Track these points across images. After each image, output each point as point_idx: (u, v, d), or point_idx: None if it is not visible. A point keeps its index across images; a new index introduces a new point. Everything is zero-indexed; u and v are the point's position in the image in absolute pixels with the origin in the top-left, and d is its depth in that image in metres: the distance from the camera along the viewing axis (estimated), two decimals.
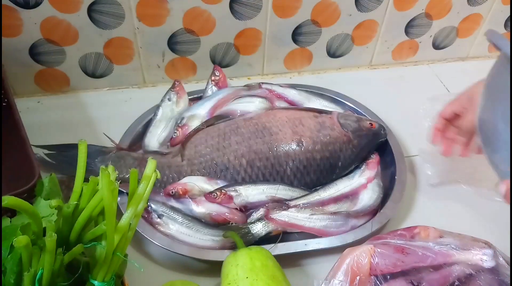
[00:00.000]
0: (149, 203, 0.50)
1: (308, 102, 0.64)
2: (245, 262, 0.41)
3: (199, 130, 0.58)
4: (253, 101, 0.62)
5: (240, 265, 0.41)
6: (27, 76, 0.66)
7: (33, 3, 0.58)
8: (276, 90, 0.64)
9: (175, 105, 0.62)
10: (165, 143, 0.59)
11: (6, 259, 0.31)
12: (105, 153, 0.55)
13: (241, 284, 0.40)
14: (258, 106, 0.61)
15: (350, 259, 0.41)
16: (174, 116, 0.61)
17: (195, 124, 0.59)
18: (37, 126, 0.63)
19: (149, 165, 0.34)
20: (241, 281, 0.40)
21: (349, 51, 0.75)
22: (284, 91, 0.65)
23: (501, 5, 0.75)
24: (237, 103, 0.62)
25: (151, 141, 0.59)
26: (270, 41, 0.70)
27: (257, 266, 0.41)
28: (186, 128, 0.59)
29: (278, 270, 0.42)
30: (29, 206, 0.30)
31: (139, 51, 0.67)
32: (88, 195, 0.33)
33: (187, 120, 0.60)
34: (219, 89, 0.64)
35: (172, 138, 0.59)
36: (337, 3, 0.68)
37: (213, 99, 0.62)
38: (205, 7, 0.63)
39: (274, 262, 0.43)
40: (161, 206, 0.50)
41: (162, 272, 0.48)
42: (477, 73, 0.81)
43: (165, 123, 0.60)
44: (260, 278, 0.40)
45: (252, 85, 0.64)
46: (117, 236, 0.32)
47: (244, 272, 0.40)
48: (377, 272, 0.41)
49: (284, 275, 0.43)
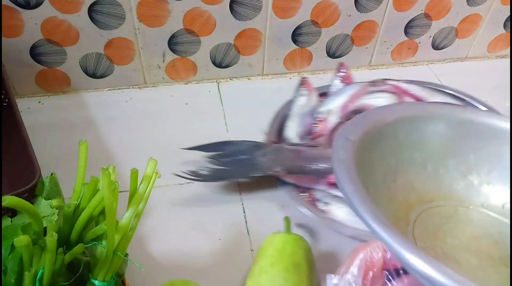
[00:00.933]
0: (315, 192, 0.53)
1: (432, 97, 0.65)
2: (278, 243, 0.45)
3: (341, 124, 0.60)
4: (383, 96, 0.63)
5: (274, 244, 0.45)
6: (28, 76, 0.66)
7: (34, 4, 0.58)
8: (401, 85, 0.65)
9: (307, 100, 0.64)
10: (302, 136, 0.61)
11: (7, 259, 0.31)
12: (263, 147, 0.57)
13: (265, 260, 0.43)
14: (389, 101, 0.63)
15: (364, 254, 0.41)
16: (307, 110, 0.63)
17: (333, 118, 0.61)
18: (38, 126, 0.63)
19: (149, 165, 0.34)
20: (267, 257, 0.44)
21: (348, 52, 0.76)
22: (409, 87, 0.65)
23: (500, 5, 0.75)
24: (368, 98, 0.63)
25: (291, 134, 0.61)
26: (270, 42, 0.70)
27: (286, 250, 0.44)
28: (325, 122, 0.61)
29: (306, 262, 0.44)
30: (30, 206, 0.30)
31: (140, 52, 0.67)
32: (89, 194, 0.33)
33: (325, 114, 0.61)
34: (346, 85, 0.66)
35: (314, 132, 0.61)
36: (336, 4, 0.68)
37: (344, 94, 0.64)
38: (206, 8, 0.64)
39: (306, 253, 0.45)
40: (326, 194, 0.53)
41: (163, 272, 0.48)
42: (477, 74, 0.82)
43: (300, 117, 0.63)
44: (283, 261, 0.43)
45: (376, 81, 0.65)
46: (117, 235, 0.33)
47: (273, 251, 0.44)
48: (389, 266, 0.41)
49: (310, 268, 0.44)
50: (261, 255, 0.45)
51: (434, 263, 0.28)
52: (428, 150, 0.45)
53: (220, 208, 0.55)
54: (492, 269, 0.37)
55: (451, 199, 0.43)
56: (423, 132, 0.45)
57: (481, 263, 0.37)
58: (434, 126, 0.45)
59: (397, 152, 0.44)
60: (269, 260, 0.43)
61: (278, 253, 0.44)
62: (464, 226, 0.41)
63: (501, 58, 0.84)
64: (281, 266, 0.42)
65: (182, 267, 0.49)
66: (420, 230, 0.40)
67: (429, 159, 0.44)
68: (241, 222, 0.53)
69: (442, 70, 0.80)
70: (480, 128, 0.44)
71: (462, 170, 0.44)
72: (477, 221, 0.42)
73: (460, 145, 0.44)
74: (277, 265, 0.43)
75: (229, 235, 0.52)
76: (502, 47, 0.83)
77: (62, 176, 0.42)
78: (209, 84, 0.73)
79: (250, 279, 0.43)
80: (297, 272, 0.42)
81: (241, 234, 0.52)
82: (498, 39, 0.81)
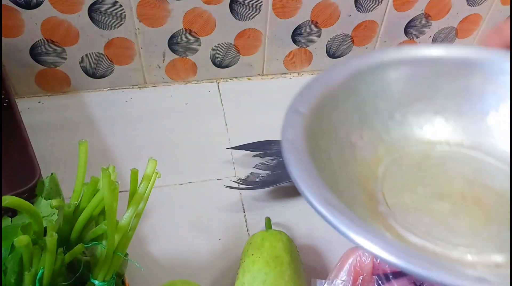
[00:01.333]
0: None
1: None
2: (256, 241, 0.45)
3: None
4: None
5: (252, 243, 0.45)
6: (28, 76, 0.66)
7: (34, 4, 0.58)
8: None
9: None
10: None
11: (6, 259, 0.31)
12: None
13: (247, 260, 0.44)
14: None
15: (353, 259, 0.41)
16: None
17: None
18: (38, 126, 0.63)
19: (149, 165, 0.34)
20: (248, 257, 0.44)
21: (348, 52, 0.76)
22: None
23: (500, 5, 0.75)
24: None
25: None
26: (270, 42, 0.70)
27: (265, 246, 0.44)
28: None
29: (287, 253, 0.44)
30: (30, 205, 0.30)
31: (140, 52, 0.67)
32: (89, 194, 0.33)
33: None
34: None
35: None
36: (336, 4, 0.68)
37: None
38: (206, 8, 0.64)
39: (286, 245, 0.45)
40: None
41: (163, 271, 0.49)
42: None
43: None
44: (263, 257, 0.43)
45: None
46: (117, 235, 0.33)
47: (253, 249, 0.45)
48: (379, 271, 0.41)
49: (292, 258, 0.44)
50: (243, 257, 0.45)
51: (379, 239, 0.27)
52: (393, 98, 0.41)
53: (220, 207, 0.55)
54: (464, 212, 0.36)
55: (422, 143, 0.41)
56: (385, 81, 0.41)
57: (454, 207, 0.36)
58: (396, 72, 0.41)
59: (360, 107, 0.41)
60: (250, 259, 0.44)
61: (257, 250, 0.44)
62: (436, 169, 0.39)
63: None
64: (261, 261, 0.43)
65: (182, 267, 0.49)
66: (390, 185, 0.39)
67: (395, 107, 0.41)
68: (241, 222, 0.53)
69: None
70: (445, 63, 0.42)
71: (430, 110, 0.42)
72: (449, 162, 0.40)
73: (427, 85, 0.42)
74: (257, 262, 0.43)
75: (229, 235, 0.52)
76: None
77: (62, 176, 0.42)
78: (209, 84, 0.73)
79: (236, 282, 0.44)
80: (278, 264, 0.43)
81: (241, 234, 0.52)
82: None
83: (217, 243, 0.51)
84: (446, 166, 0.40)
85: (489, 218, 0.35)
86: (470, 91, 0.41)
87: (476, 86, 0.41)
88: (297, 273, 0.44)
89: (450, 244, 0.33)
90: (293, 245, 0.46)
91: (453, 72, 0.42)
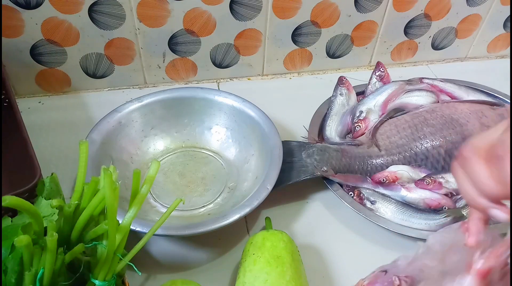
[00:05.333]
0: (362, 190, 0.54)
1: (468, 96, 0.66)
2: (257, 241, 0.46)
3: (383, 122, 0.61)
4: (422, 94, 0.64)
5: (253, 243, 0.46)
6: (28, 76, 0.66)
7: (34, 4, 0.58)
8: (437, 84, 0.66)
9: (346, 99, 0.64)
10: (342, 135, 0.62)
11: (7, 259, 0.31)
12: (308, 147, 0.58)
13: (248, 259, 0.44)
14: (428, 100, 0.64)
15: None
16: (347, 109, 0.64)
17: (374, 117, 0.62)
18: (38, 126, 0.63)
19: (153, 166, 0.34)
20: (249, 257, 0.44)
21: (348, 52, 0.76)
22: (445, 86, 0.66)
23: (500, 5, 0.75)
24: (407, 96, 0.64)
25: (331, 133, 0.62)
26: (270, 42, 0.71)
27: (266, 246, 0.45)
28: (367, 121, 0.61)
29: (288, 253, 0.44)
30: (30, 205, 0.30)
31: (140, 52, 0.67)
32: (89, 194, 0.33)
33: (366, 113, 0.62)
34: (384, 84, 0.66)
35: (355, 131, 0.61)
36: (336, 4, 0.68)
37: (383, 93, 0.64)
38: (206, 8, 0.64)
39: (287, 245, 0.45)
40: (372, 193, 0.54)
41: (163, 271, 0.49)
42: (476, 74, 0.82)
43: (340, 116, 0.63)
44: (264, 256, 0.44)
45: (413, 80, 0.66)
46: (118, 235, 0.33)
47: (254, 249, 0.45)
48: None
49: (295, 259, 0.44)
50: (244, 256, 0.45)
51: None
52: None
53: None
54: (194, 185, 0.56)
55: (186, 146, 0.61)
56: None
57: (190, 184, 0.57)
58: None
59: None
60: (251, 259, 0.44)
61: (258, 250, 0.44)
62: (186, 165, 0.59)
63: (500, 58, 0.84)
64: (262, 261, 0.43)
65: (182, 267, 0.49)
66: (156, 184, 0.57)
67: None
68: (241, 222, 0.53)
69: (442, 70, 0.80)
70: (191, 101, 0.61)
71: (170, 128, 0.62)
72: (187, 158, 0.60)
73: (190, 112, 0.62)
74: (258, 261, 0.43)
75: (229, 235, 0.52)
76: (502, 47, 0.83)
77: (62, 176, 0.42)
78: (209, 84, 0.73)
79: (237, 282, 0.44)
80: (279, 264, 0.43)
81: (241, 234, 0.52)
82: (498, 39, 0.81)
83: (217, 243, 0.51)
84: (187, 162, 0.60)
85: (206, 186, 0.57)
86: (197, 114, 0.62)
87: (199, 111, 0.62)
88: (298, 273, 0.44)
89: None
90: (294, 245, 0.46)
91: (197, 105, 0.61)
